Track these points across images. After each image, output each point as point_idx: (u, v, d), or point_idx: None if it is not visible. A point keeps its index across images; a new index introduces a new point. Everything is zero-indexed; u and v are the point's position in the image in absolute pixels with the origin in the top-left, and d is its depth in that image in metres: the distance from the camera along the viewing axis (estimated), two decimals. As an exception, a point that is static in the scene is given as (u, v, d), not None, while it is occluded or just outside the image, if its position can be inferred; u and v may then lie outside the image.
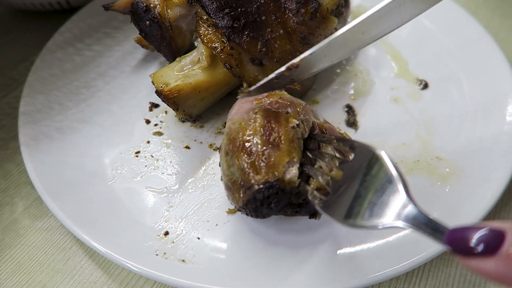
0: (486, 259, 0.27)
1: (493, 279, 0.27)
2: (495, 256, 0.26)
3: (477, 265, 0.27)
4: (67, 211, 0.52)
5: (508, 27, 0.80)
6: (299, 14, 0.59)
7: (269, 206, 0.45)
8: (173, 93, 0.57)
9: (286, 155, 0.46)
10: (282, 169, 0.45)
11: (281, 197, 0.45)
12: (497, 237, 0.27)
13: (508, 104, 0.60)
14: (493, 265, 0.26)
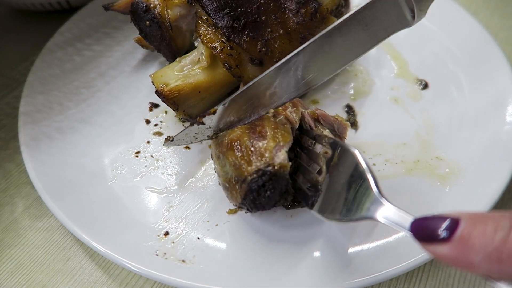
0: (442, 244, 0.29)
1: (448, 263, 0.30)
2: (450, 241, 0.29)
3: (434, 250, 0.30)
4: (67, 211, 0.52)
5: (508, 27, 0.80)
6: (299, 14, 0.59)
7: (265, 195, 0.45)
8: (173, 93, 0.57)
9: (272, 141, 0.47)
10: (270, 154, 0.46)
11: (276, 183, 0.45)
12: (453, 224, 0.29)
13: (508, 104, 0.60)
14: (448, 250, 0.29)
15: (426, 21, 0.74)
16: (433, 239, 0.30)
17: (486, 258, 0.27)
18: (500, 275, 0.28)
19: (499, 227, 0.28)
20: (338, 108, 0.65)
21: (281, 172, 0.45)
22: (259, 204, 0.46)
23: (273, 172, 0.45)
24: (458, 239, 0.29)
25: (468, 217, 0.29)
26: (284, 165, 0.45)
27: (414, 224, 0.34)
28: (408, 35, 0.74)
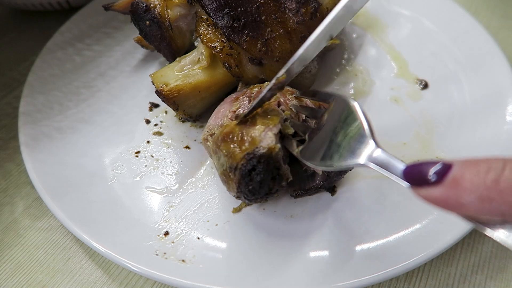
0: (434, 187, 0.30)
1: (439, 205, 0.30)
2: (442, 183, 0.30)
3: (426, 193, 0.31)
4: (67, 211, 0.52)
5: (508, 27, 0.80)
6: (299, 14, 0.59)
7: (257, 179, 0.45)
8: (173, 93, 0.57)
9: (261, 126, 0.47)
10: (259, 138, 0.46)
11: (265, 166, 0.45)
12: (445, 168, 0.30)
13: (508, 104, 0.60)
14: (439, 192, 0.30)
15: (426, 21, 0.75)
16: (425, 182, 0.31)
17: (478, 199, 0.28)
18: (490, 215, 0.28)
19: (491, 168, 0.28)
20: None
21: (269, 154, 0.45)
22: (253, 190, 0.46)
23: (261, 154, 0.45)
24: (450, 181, 0.29)
25: (461, 161, 0.30)
26: (271, 147, 0.45)
27: (407, 169, 0.34)
28: (408, 35, 0.74)
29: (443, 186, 0.30)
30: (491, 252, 0.52)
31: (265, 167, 0.45)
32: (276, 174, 0.46)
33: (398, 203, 0.53)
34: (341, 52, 0.73)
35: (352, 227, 0.51)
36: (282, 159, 0.46)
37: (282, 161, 0.46)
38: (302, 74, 0.62)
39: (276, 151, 0.45)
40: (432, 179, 0.30)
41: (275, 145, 0.45)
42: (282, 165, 0.46)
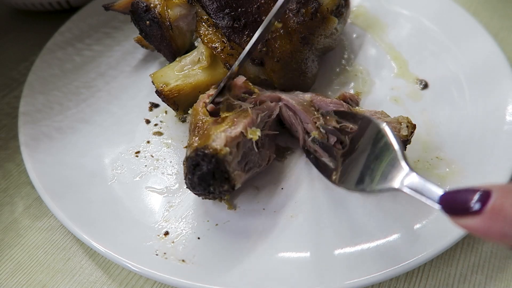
0: (473, 217, 0.29)
1: (480, 235, 0.29)
2: (481, 213, 0.29)
3: (465, 223, 0.30)
4: (67, 211, 0.52)
5: (508, 27, 0.80)
6: (300, 14, 0.59)
7: (198, 174, 0.46)
8: (173, 93, 0.57)
9: (223, 126, 0.48)
10: (212, 137, 0.47)
11: (209, 165, 0.46)
12: (484, 196, 0.29)
13: (508, 104, 0.60)
14: (480, 222, 0.29)
15: (426, 21, 0.75)
16: (464, 212, 0.30)
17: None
18: None
19: None
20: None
21: (213, 154, 0.46)
22: (192, 184, 0.47)
23: (206, 153, 0.46)
24: (489, 211, 0.28)
25: (499, 189, 0.29)
26: (218, 149, 0.46)
27: (443, 197, 0.33)
28: (408, 35, 0.74)
29: (483, 216, 0.29)
30: (491, 252, 0.52)
31: (207, 166, 0.46)
32: (221, 176, 0.46)
33: (398, 203, 0.53)
34: (341, 52, 0.73)
35: (352, 227, 0.51)
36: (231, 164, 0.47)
37: (231, 165, 0.47)
38: (302, 74, 0.62)
39: (223, 153, 0.46)
40: (471, 209, 0.29)
41: (223, 147, 0.46)
42: (228, 169, 0.47)
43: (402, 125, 0.52)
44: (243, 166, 0.50)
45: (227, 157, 0.46)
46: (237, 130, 0.48)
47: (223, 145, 0.46)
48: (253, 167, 0.52)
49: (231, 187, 0.48)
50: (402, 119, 0.53)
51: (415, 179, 0.38)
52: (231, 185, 0.48)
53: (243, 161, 0.50)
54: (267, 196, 0.55)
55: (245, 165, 0.50)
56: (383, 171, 0.41)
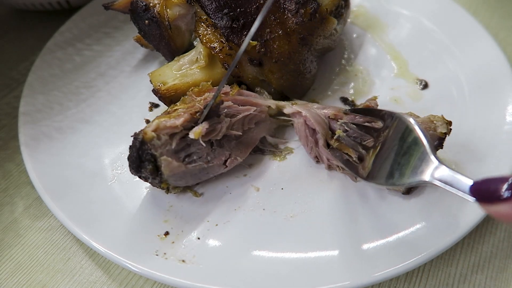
0: (505, 203, 0.30)
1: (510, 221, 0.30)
2: None
3: (497, 210, 0.30)
4: (67, 211, 0.52)
5: (508, 27, 0.80)
6: (299, 14, 0.58)
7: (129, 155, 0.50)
8: (170, 92, 0.57)
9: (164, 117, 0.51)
10: (151, 122, 0.51)
11: (135, 148, 0.50)
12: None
13: (508, 104, 0.60)
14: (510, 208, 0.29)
15: (426, 21, 0.75)
16: (495, 200, 0.31)
17: None
18: None
19: None
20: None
21: (141, 137, 0.49)
22: (129, 165, 0.51)
23: (137, 137, 0.50)
24: None
25: None
26: (144, 132, 0.49)
27: (474, 186, 0.34)
28: (408, 35, 0.74)
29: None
30: (491, 252, 0.52)
31: (135, 147, 0.50)
32: (147, 158, 0.49)
33: (398, 203, 0.53)
34: (341, 52, 0.73)
35: (352, 228, 0.51)
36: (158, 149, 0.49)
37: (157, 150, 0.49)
38: (301, 75, 0.62)
39: (147, 137, 0.49)
40: (503, 196, 0.30)
41: (149, 131, 0.49)
42: (152, 152, 0.49)
43: (437, 123, 0.52)
44: (182, 157, 0.52)
45: (154, 142, 0.49)
46: (172, 122, 0.51)
47: (151, 130, 0.49)
48: (196, 160, 0.53)
49: (157, 171, 0.50)
50: (434, 118, 0.53)
51: (445, 171, 0.39)
52: (158, 169, 0.50)
53: (182, 151, 0.52)
54: (267, 196, 0.55)
55: (185, 157, 0.52)
56: (413, 165, 0.42)
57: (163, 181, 0.51)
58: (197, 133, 0.51)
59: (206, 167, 0.54)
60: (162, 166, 0.50)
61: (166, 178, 0.51)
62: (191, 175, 0.53)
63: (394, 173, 0.44)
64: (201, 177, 0.55)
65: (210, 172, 0.55)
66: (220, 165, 0.55)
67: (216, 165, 0.55)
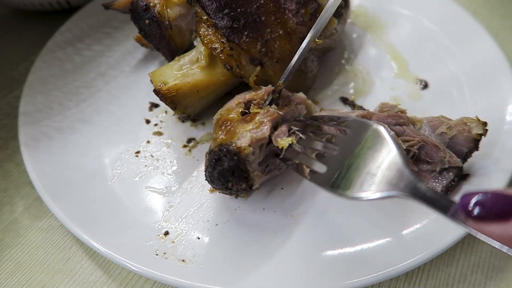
0: (498, 224, 0.26)
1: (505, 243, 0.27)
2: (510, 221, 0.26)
3: (490, 231, 0.26)
4: (67, 211, 0.52)
5: (508, 27, 0.80)
6: (299, 14, 0.58)
7: (218, 169, 0.47)
8: (171, 92, 0.57)
9: (250, 126, 0.49)
10: (238, 135, 0.48)
11: (230, 161, 0.46)
12: None
13: (508, 104, 0.60)
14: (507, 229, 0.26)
15: (426, 21, 0.75)
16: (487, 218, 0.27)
17: None
18: None
19: None
20: (338, 108, 0.65)
21: (236, 152, 0.46)
22: (211, 177, 0.48)
23: (229, 149, 0.46)
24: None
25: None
26: (242, 147, 0.46)
27: (463, 200, 0.30)
28: (408, 35, 0.74)
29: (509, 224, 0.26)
30: (491, 252, 0.52)
31: (228, 163, 0.46)
32: (240, 174, 0.47)
33: (398, 203, 0.53)
34: (341, 52, 0.73)
35: (352, 227, 0.51)
36: (251, 164, 0.47)
37: (251, 165, 0.47)
38: (302, 74, 0.62)
39: (246, 152, 0.46)
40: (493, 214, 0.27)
41: (246, 147, 0.46)
42: (248, 168, 0.47)
43: (471, 124, 0.51)
44: (264, 168, 0.50)
45: (249, 157, 0.47)
46: (263, 132, 0.48)
47: (247, 144, 0.47)
48: (273, 169, 0.52)
49: (248, 186, 0.49)
50: (467, 120, 0.52)
51: (420, 186, 0.36)
52: (249, 184, 0.48)
53: (264, 163, 0.50)
54: (267, 196, 0.55)
55: (266, 167, 0.51)
56: (384, 177, 0.38)
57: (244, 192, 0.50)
58: (284, 142, 0.48)
59: (277, 174, 0.54)
60: (255, 181, 0.48)
61: None
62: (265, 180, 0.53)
63: (363, 184, 0.40)
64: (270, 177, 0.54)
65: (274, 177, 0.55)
66: (284, 169, 0.54)
67: (282, 170, 0.54)
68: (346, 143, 0.45)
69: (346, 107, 0.65)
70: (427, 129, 0.53)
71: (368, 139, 0.42)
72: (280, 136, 0.49)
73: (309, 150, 0.48)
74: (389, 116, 0.54)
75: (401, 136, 0.52)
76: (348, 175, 0.41)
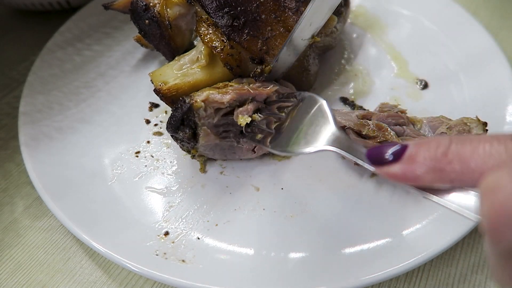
0: (393, 164, 0.35)
1: (398, 180, 0.35)
2: (399, 161, 0.35)
3: (386, 170, 0.36)
4: (67, 211, 0.52)
5: (508, 27, 0.80)
6: (299, 12, 0.59)
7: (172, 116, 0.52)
8: (172, 91, 0.57)
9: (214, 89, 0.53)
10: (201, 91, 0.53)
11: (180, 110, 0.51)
12: (402, 148, 0.35)
13: (508, 104, 0.60)
14: (398, 168, 0.35)
15: (426, 21, 0.75)
16: (385, 161, 0.36)
17: (431, 170, 0.33)
18: (441, 183, 0.33)
19: (440, 144, 0.33)
20: (338, 107, 0.65)
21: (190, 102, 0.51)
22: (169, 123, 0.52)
23: (185, 100, 0.51)
24: (406, 158, 0.34)
25: (415, 142, 0.35)
26: (195, 100, 0.51)
27: (369, 151, 0.38)
28: (408, 35, 0.74)
29: (401, 163, 0.35)
30: (491, 252, 0.52)
31: (181, 109, 0.51)
32: (188, 124, 0.51)
33: (398, 203, 0.53)
34: (341, 52, 0.73)
35: (352, 227, 0.51)
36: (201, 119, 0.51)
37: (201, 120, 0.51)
38: (305, 71, 0.62)
39: (196, 105, 0.50)
40: (390, 158, 0.35)
41: (199, 101, 0.50)
42: (196, 120, 0.51)
43: (471, 125, 0.51)
44: (220, 131, 0.53)
45: (200, 111, 0.50)
46: (220, 97, 0.52)
47: (200, 100, 0.50)
48: (228, 137, 0.54)
49: (194, 138, 0.52)
50: (467, 120, 0.52)
51: (342, 138, 0.42)
52: (196, 136, 0.52)
53: (221, 127, 0.53)
54: (267, 196, 0.55)
55: (222, 132, 0.53)
56: (316, 134, 0.45)
57: (195, 147, 0.53)
58: (242, 120, 0.52)
59: (235, 146, 0.55)
60: (200, 135, 0.52)
61: (199, 146, 0.53)
62: (220, 149, 0.55)
63: (300, 142, 0.46)
64: (227, 154, 0.57)
65: (237, 153, 0.57)
66: (249, 149, 0.56)
67: (245, 148, 0.56)
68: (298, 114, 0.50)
69: (346, 107, 0.65)
70: (427, 129, 0.53)
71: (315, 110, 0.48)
72: (243, 113, 0.52)
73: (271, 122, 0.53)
74: (389, 116, 0.54)
75: (401, 136, 0.52)
76: (297, 138, 0.47)
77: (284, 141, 0.49)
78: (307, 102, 0.50)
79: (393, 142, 0.39)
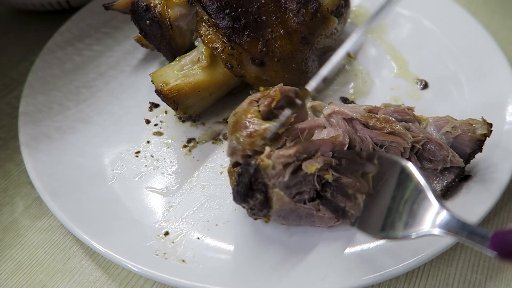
0: None
1: None
2: None
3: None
4: (67, 211, 0.52)
5: (508, 27, 0.80)
6: (300, 14, 0.59)
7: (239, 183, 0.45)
8: (173, 92, 0.57)
9: None
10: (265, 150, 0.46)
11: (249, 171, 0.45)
12: None
13: (508, 104, 0.60)
14: None
15: (426, 21, 0.75)
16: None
17: None
18: None
19: None
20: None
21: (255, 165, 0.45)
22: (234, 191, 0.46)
23: (248, 162, 0.46)
24: None
25: None
26: (261, 159, 0.45)
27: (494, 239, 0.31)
28: (408, 35, 0.74)
29: None
30: (491, 252, 0.52)
31: (247, 174, 0.45)
32: (258, 187, 0.45)
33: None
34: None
35: (352, 227, 0.51)
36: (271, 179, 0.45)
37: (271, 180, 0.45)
38: (303, 73, 0.62)
39: (264, 164, 0.45)
40: None
41: (265, 159, 0.45)
42: (265, 181, 0.45)
43: (476, 125, 0.51)
44: (293, 193, 0.47)
45: (269, 170, 0.45)
46: (284, 151, 0.46)
47: (265, 157, 0.45)
48: (302, 200, 0.48)
49: (267, 203, 0.45)
50: (473, 121, 0.52)
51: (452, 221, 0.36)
52: (268, 201, 0.45)
53: (293, 187, 0.47)
54: (267, 196, 0.55)
55: (295, 194, 0.47)
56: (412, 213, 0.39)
57: (267, 215, 0.47)
58: (312, 167, 0.46)
59: (315, 214, 0.48)
60: (273, 199, 0.45)
61: (272, 212, 0.46)
62: (296, 216, 0.49)
63: (395, 223, 0.41)
64: (303, 222, 0.50)
65: (317, 222, 0.50)
66: (331, 218, 0.49)
67: (327, 217, 0.49)
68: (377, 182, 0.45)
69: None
70: (432, 128, 0.53)
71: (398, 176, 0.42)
72: (312, 163, 0.46)
73: None
74: (395, 111, 0.53)
75: None
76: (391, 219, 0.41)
77: (371, 220, 0.44)
78: (387, 168, 0.44)
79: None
